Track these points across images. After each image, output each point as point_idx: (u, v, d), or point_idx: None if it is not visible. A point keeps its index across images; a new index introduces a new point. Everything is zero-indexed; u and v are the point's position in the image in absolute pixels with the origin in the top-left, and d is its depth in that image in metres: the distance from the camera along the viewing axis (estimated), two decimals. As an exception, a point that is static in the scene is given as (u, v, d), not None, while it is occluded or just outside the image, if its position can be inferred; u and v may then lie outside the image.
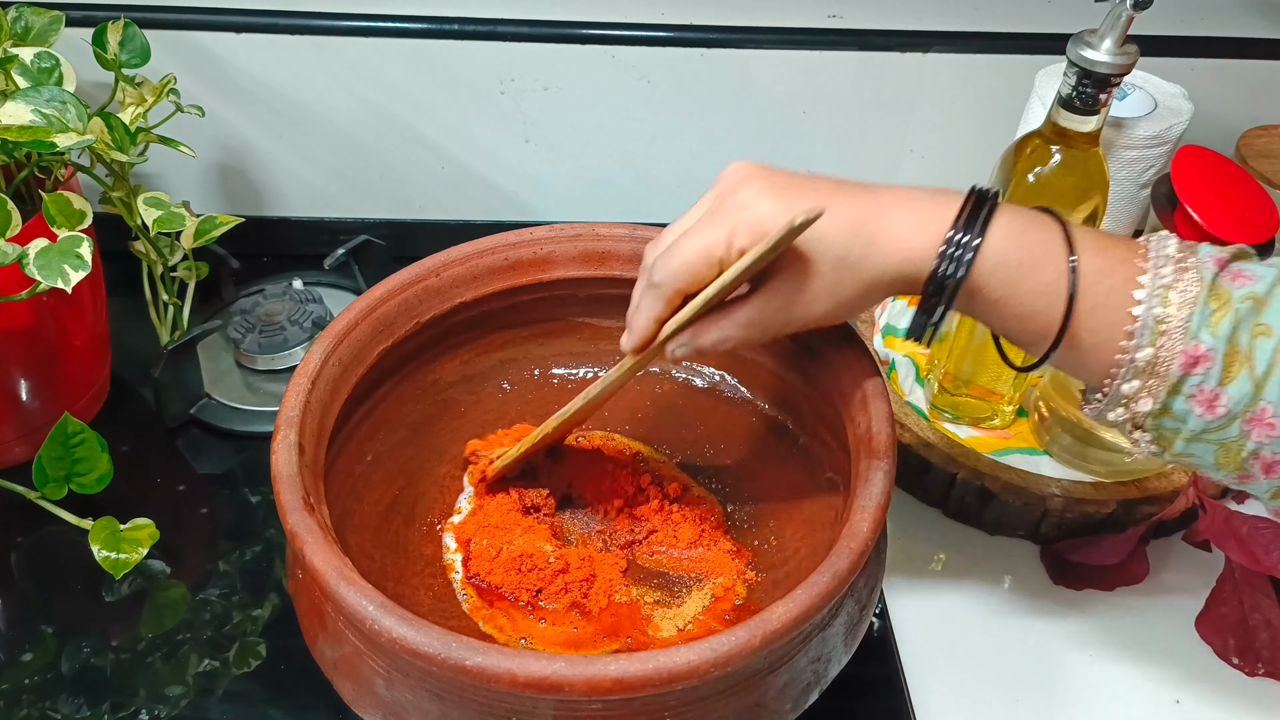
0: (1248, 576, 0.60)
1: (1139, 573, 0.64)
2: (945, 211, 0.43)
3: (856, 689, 0.52)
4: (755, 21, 0.78)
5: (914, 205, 0.43)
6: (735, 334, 0.45)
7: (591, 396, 0.52)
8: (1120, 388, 0.42)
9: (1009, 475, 0.65)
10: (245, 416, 0.73)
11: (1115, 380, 0.42)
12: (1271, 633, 0.59)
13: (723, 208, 0.44)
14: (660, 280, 0.45)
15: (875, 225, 0.43)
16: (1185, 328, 0.40)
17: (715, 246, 0.43)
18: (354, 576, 0.41)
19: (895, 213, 0.43)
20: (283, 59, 0.78)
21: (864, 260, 0.43)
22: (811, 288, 0.44)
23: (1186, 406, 0.41)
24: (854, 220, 0.43)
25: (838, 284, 0.43)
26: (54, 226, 0.58)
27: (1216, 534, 0.60)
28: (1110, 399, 0.43)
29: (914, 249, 0.42)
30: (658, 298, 0.45)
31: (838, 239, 0.43)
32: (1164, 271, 0.41)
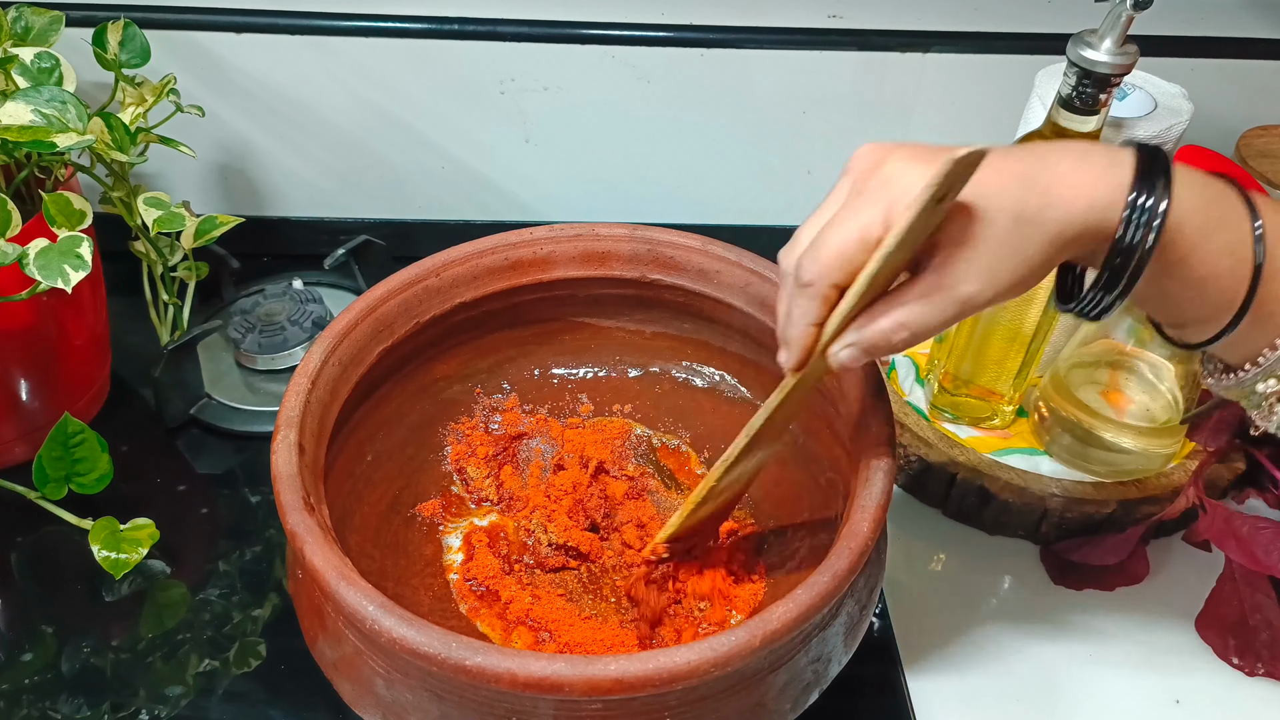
0: (1248, 576, 0.60)
1: (1139, 573, 0.64)
2: (1119, 162, 0.38)
3: (856, 689, 0.52)
4: (755, 21, 0.78)
5: (1082, 154, 0.38)
6: (909, 320, 0.39)
7: (755, 429, 0.45)
8: (1277, 358, 0.39)
9: (1009, 475, 0.65)
10: (245, 416, 0.73)
11: (1276, 349, 0.40)
12: (1271, 633, 0.59)
13: (868, 187, 0.39)
14: (812, 278, 0.39)
15: (1048, 175, 0.38)
16: None
17: (871, 227, 0.38)
18: (354, 576, 0.41)
19: (1064, 161, 0.38)
20: (283, 59, 0.78)
21: (1044, 211, 0.37)
22: (990, 250, 0.38)
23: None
24: (1021, 170, 0.38)
25: (1021, 243, 0.38)
26: (54, 226, 0.58)
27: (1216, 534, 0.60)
28: (1263, 369, 0.40)
29: (1097, 196, 0.37)
30: (812, 297, 0.40)
31: (1010, 192, 0.38)
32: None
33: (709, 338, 0.62)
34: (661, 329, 0.63)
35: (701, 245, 0.58)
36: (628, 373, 0.64)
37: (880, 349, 0.40)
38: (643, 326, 0.63)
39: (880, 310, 0.40)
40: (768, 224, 0.89)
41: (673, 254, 0.58)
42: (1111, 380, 0.66)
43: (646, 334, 0.63)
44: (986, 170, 0.37)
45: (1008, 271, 0.39)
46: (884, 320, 0.40)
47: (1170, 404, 0.65)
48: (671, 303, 0.60)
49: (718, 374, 0.63)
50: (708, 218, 0.88)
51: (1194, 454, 0.67)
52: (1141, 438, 0.65)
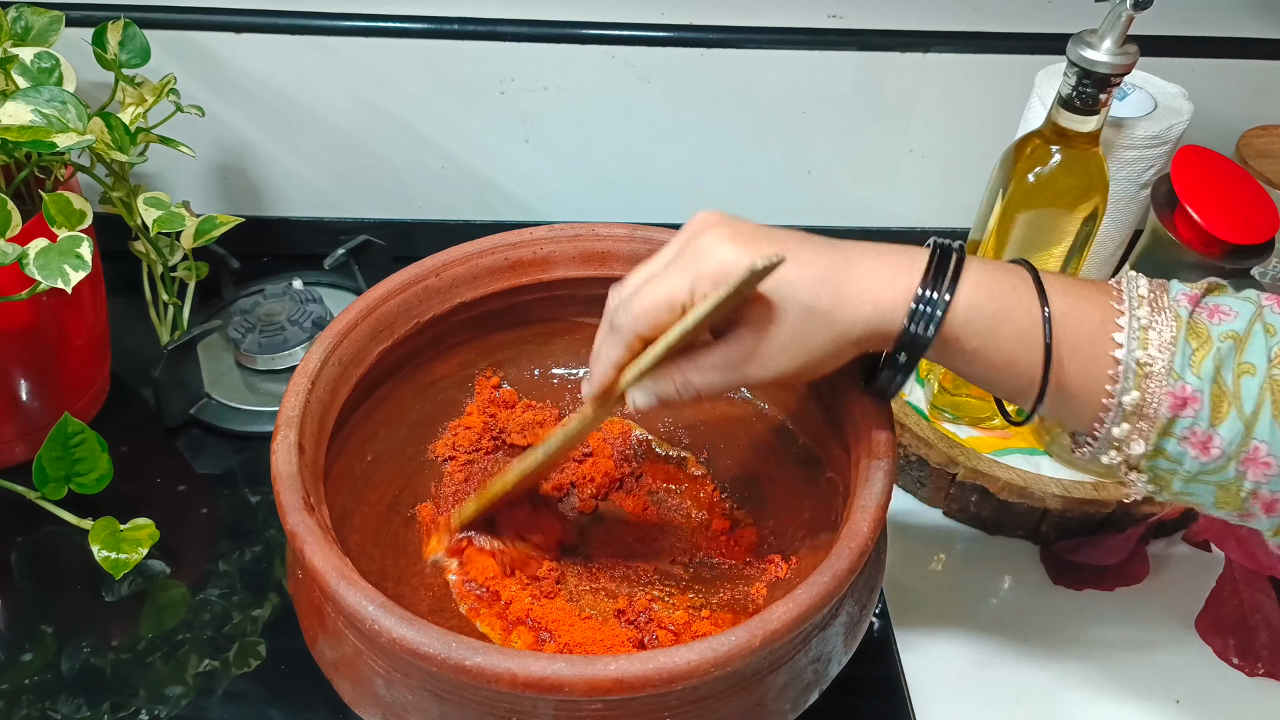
0: (1248, 576, 0.60)
1: (1139, 573, 0.64)
2: (913, 264, 0.42)
3: (856, 689, 0.52)
4: (755, 21, 0.78)
5: (880, 258, 0.43)
6: (698, 382, 0.44)
7: (552, 448, 0.50)
8: (1110, 431, 0.42)
9: (1009, 475, 0.65)
10: (245, 416, 0.73)
11: (1105, 423, 0.42)
12: (1271, 633, 0.59)
13: (685, 254, 0.43)
14: (621, 325, 0.44)
15: (843, 277, 0.42)
16: (1169, 369, 0.40)
17: (678, 293, 0.42)
18: (354, 576, 0.41)
19: (862, 264, 0.42)
20: (283, 59, 0.78)
21: (832, 311, 0.42)
22: (779, 337, 0.42)
23: (1180, 449, 0.41)
24: (821, 270, 0.42)
25: (805, 334, 0.42)
26: (54, 226, 0.58)
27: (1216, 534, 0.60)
28: (1101, 442, 0.42)
29: (883, 301, 0.42)
30: (618, 343, 0.44)
31: (805, 288, 0.42)
32: (1139, 313, 0.41)
33: (709, 338, 0.62)
34: (661, 329, 0.63)
35: (701, 245, 0.58)
36: (628, 373, 0.64)
37: (670, 399, 0.45)
38: (643, 326, 0.63)
39: (675, 366, 0.44)
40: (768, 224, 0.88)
41: (673, 254, 0.58)
42: (1111, 380, 0.66)
43: (646, 334, 0.63)
44: (791, 265, 0.41)
45: (790, 359, 0.43)
46: (677, 378, 0.44)
47: (1170, 404, 0.65)
48: (671, 303, 0.60)
49: (718, 374, 0.63)
50: (708, 218, 0.88)
51: (1194, 454, 0.67)
52: (1141, 438, 0.65)
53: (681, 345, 0.43)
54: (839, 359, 0.44)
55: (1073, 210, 0.60)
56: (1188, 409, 0.40)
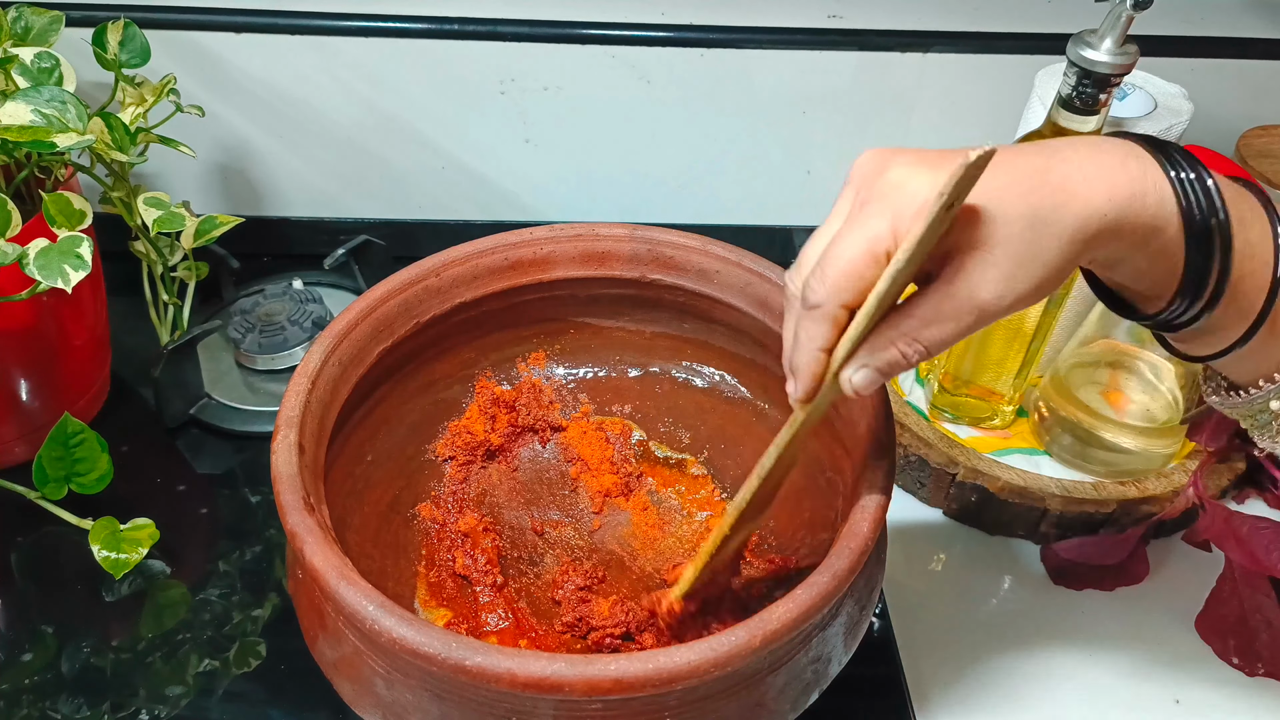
0: (1248, 576, 0.60)
1: (1139, 573, 0.64)
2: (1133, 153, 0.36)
3: (856, 689, 0.52)
4: (755, 21, 0.78)
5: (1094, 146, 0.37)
6: (925, 335, 0.37)
7: (767, 470, 0.44)
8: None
9: (1009, 475, 0.65)
10: (245, 416, 0.73)
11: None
12: (1271, 633, 0.59)
13: (873, 196, 0.37)
14: (820, 299, 0.36)
15: (1060, 171, 0.36)
16: None
17: (879, 239, 0.35)
18: (354, 576, 0.41)
19: (1076, 155, 0.36)
20: (283, 59, 0.78)
21: (1060, 210, 0.35)
22: (1007, 255, 0.35)
23: None
24: (1031, 169, 0.36)
25: (1037, 245, 0.35)
26: (54, 226, 0.58)
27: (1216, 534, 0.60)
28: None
29: (1116, 187, 0.35)
30: (820, 320, 0.37)
31: (1023, 191, 0.35)
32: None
33: (709, 338, 0.62)
34: (661, 329, 0.63)
35: (701, 245, 0.58)
36: (628, 373, 0.64)
37: (896, 368, 0.38)
38: (643, 326, 0.63)
39: (892, 327, 0.37)
40: (768, 224, 0.89)
41: (673, 254, 0.58)
42: (1111, 380, 0.66)
43: (646, 334, 0.63)
44: (995, 170, 0.35)
45: (1026, 276, 0.36)
46: (898, 338, 0.37)
47: (1170, 404, 0.65)
48: (671, 303, 0.60)
49: (718, 374, 0.63)
50: (708, 218, 0.88)
51: (1194, 454, 0.67)
52: (1141, 438, 0.65)
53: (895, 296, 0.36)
54: (1074, 265, 0.37)
55: (1073, 210, 0.60)
56: None
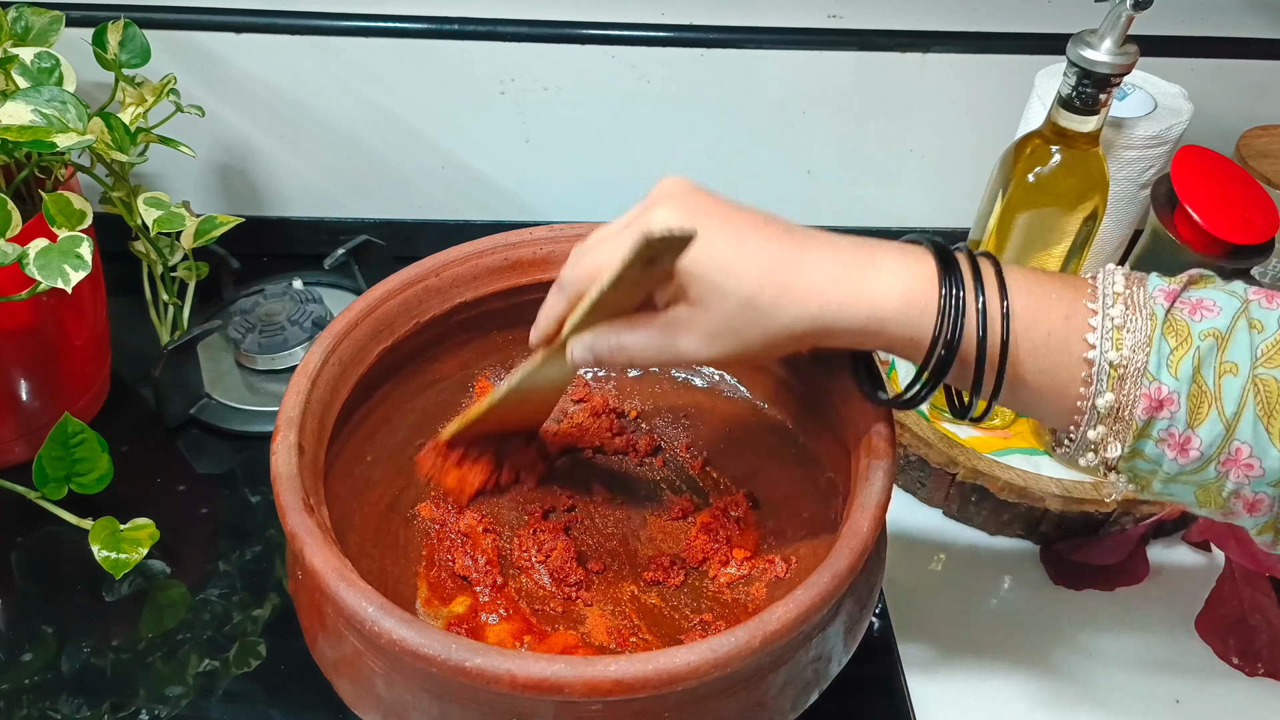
0: (1248, 576, 0.60)
1: (1139, 573, 0.64)
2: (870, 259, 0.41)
3: (856, 689, 0.52)
4: (755, 21, 0.78)
5: (835, 252, 0.42)
6: (630, 345, 0.44)
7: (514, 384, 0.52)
8: (1085, 434, 0.41)
9: (1009, 475, 0.65)
10: (245, 416, 0.73)
11: (1080, 426, 0.41)
12: (1271, 633, 0.59)
13: (637, 220, 0.43)
14: (566, 281, 0.45)
15: (793, 271, 0.41)
16: (1143, 371, 0.39)
17: (616, 257, 0.41)
18: (354, 577, 0.41)
19: (816, 258, 0.41)
20: (283, 59, 0.78)
21: (776, 305, 0.41)
22: (714, 321, 0.42)
23: (1158, 450, 0.40)
24: (771, 263, 0.41)
25: (742, 324, 0.42)
26: (54, 226, 0.58)
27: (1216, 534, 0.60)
28: (1078, 445, 0.42)
29: (830, 299, 0.41)
30: (562, 296, 0.46)
31: (749, 278, 0.41)
32: (1113, 311, 0.40)
33: (709, 338, 0.62)
34: (661, 329, 0.63)
35: (701, 245, 0.58)
36: (627, 372, 0.64)
37: (602, 360, 0.45)
38: (643, 326, 0.63)
39: (614, 328, 0.45)
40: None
41: (673, 254, 0.58)
42: (1111, 380, 0.66)
43: (646, 334, 0.63)
44: (741, 255, 0.41)
45: (722, 345, 0.43)
46: (611, 340, 0.45)
47: (1170, 404, 0.65)
48: (671, 303, 0.60)
49: (717, 374, 0.63)
50: (708, 218, 0.88)
51: (1194, 454, 0.67)
52: (1141, 438, 0.65)
53: (609, 307, 0.44)
54: (779, 350, 0.44)
55: (1073, 210, 0.60)
56: (1164, 410, 0.39)
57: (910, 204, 0.88)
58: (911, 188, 0.87)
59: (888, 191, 0.87)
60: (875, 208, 0.88)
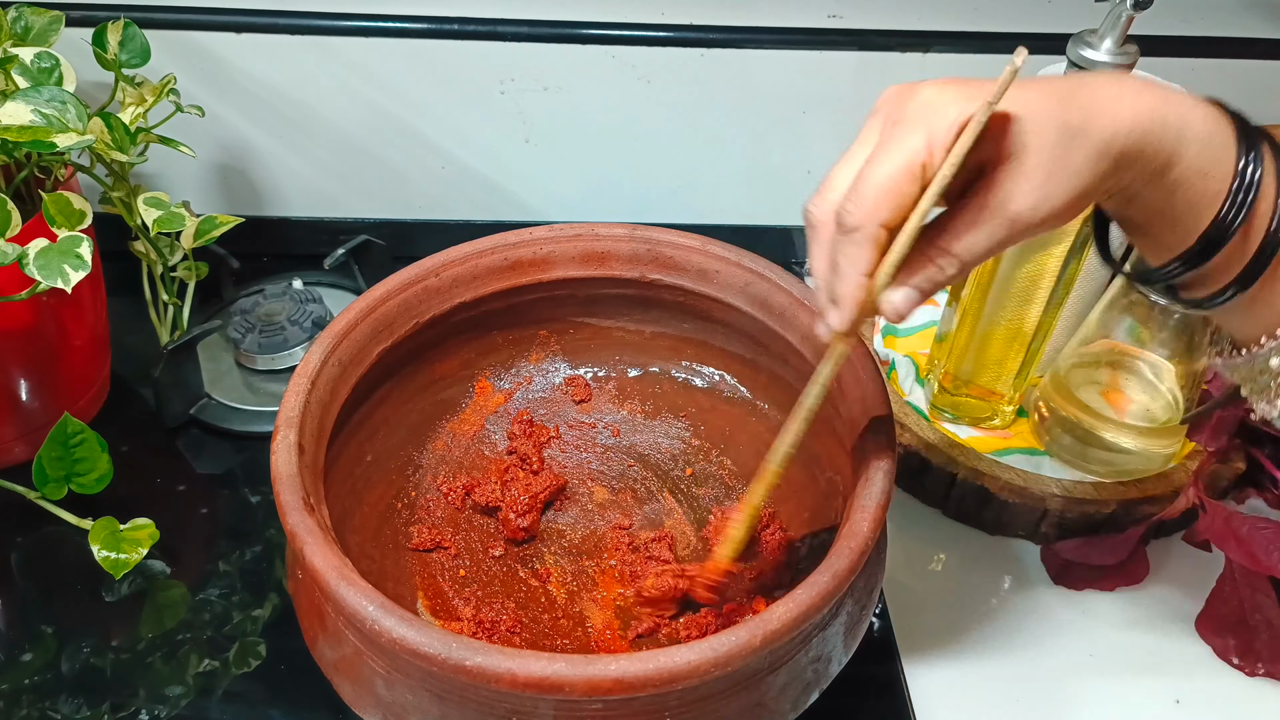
0: (1248, 576, 0.60)
1: (1139, 573, 0.64)
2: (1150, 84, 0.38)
3: (856, 689, 0.52)
4: (755, 21, 0.78)
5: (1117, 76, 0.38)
6: (961, 249, 0.37)
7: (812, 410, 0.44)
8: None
9: (1009, 475, 0.65)
10: (245, 416, 0.73)
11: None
12: (1271, 633, 0.59)
13: (904, 116, 0.37)
14: (859, 220, 0.36)
15: (1086, 89, 0.37)
16: None
17: (916, 155, 0.35)
18: (354, 577, 0.41)
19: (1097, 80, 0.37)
20: (283, 59, 0.78)
21: (1090, 124, 0.36)
22: (1043, 165, 0.36)
23: None
24: (1058, 87, 0.37)
25: (1068, 154, 0.36)
26: (54, 226, 0.58)
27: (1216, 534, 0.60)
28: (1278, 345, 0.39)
29: (1140, 111, 0.37)
30: (861, 243, 0.36)
31: (1051, 108, 0.36)
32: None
33: (709, 338, 0.62)
34: (661, 329, 0.63)
35: (701, 245, 0.58)
36: (628, 373, 0.64)
37: (935, 285, 0.38)
38: (642, 326, 0.63)
39: (927, 243, 0.37)
40: (768, 224, 0.89)
41: (672, 254, 0.58)
42: (1111, 380, 0.66)
43: (646, 334, 0.63)
44: (1023, 85, 0.36)
45: (1057, 188, 0.36)
46: (935, 254, 0.37)
47: (1170, 404, 0.65)
48: (671, 303, 0.60)
49: (717, 374, 0.63)
50: (708, 218, 0.88)
51: (1194, 454, 0.67)
52: (1141, 438, 0.65)
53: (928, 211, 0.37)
54: (1102, 181, 0.37)
55: (1073, 210, 0.60)
56: None
57: (910, 204, 0.88)
58: (911, 188, 0.87)
59: (888, 191, 0.87)
60: (875, 208, 0.88)
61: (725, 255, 0.57)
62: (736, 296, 0.58)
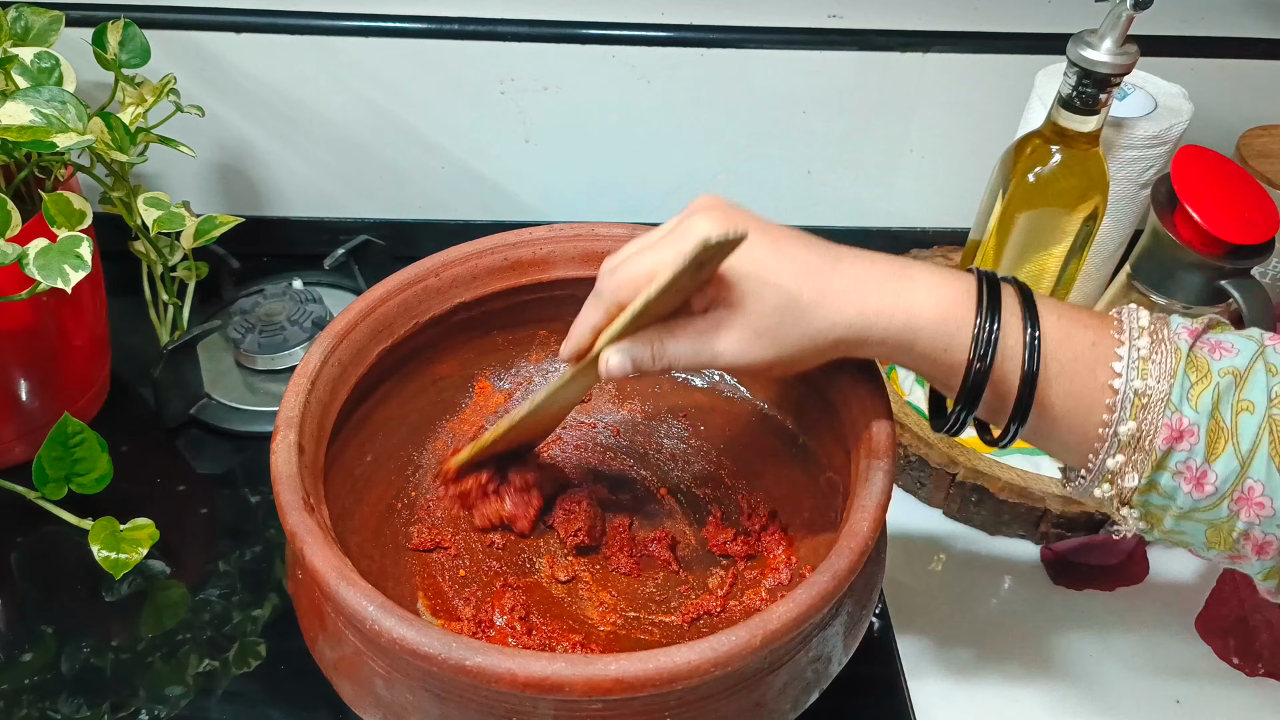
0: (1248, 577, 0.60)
1: (1139, 573, 0.64)
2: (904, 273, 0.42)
3: (856, 689, 0.52)
4: (755, 21, 0.78)
5: (870, 263, 0.43)
6: (670, 350, 0.44)
7: (536, 404, 0.51)
8: (1105, 462, 0.41)
9: (1009, 475, 0.65)
10: (245, 416, 0.73)
11: (1099, 455, 0.41)
12: (1271, 633, 0.59)
13: (676, 230, 0.44)
14: (603, 290, 0.45)
15: (830, 276, 0.42)
16: (1166, 401, 0.40)
17: (658, 265, 0.42)
18: (354, 577, 0.41)
19: (852, 268, 0.43)
20: (283, 59, 0.78)
21: (813, 310, 0.42)
22: (755, 322, 0.43)
23: (1174, 483, 0.40)
24: (809, 265, 0.42)
25: (782, 325, 0.42)
26: (54, 226, 0.58)
27: (1216, 534, 0.60)
28: (1095, 474, 0.42)
29: (868, 306, 0.42)
30: (598, 308, 0.46)
31: (786, 282, 0.42)
32: (1139, 343, 0.41)
33: (709, 338, 0.62)
34: (661, 329, 0.63)
35: (701, 245, 0.58)
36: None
37: (642, 365, 0.45)
38: (643, 326, 0.63)
39: (653, 335, 0.44)
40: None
41: (673, 254, 0.58)
42: (1111, 380, 0.66)
43: (646, 334, 0.63)
44: (780, 261, 0.42)
45: (762, 349, 0.43)
46: (648, 348, 0.44)
47: (1170, 404, 0.65)
48: (671, 303, 0.60)
49: (717, 374, 0.63)
50: (708, 218, 0.88)
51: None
52: (1141, 438, 0.65)
53: (651, 313, 0.43)
54: (815, 358, 0.44)
55: (1073, 210, 0.60)
56: (1184, 441, 0.40)
57: (910, 204, 0.88)
58: (911, 188, 0.87)
59: (887, 191, 0.87)
60: (875, 208, 0.88)
61: (725, 255, 0.57)
62: (736, 296, 0.58)
